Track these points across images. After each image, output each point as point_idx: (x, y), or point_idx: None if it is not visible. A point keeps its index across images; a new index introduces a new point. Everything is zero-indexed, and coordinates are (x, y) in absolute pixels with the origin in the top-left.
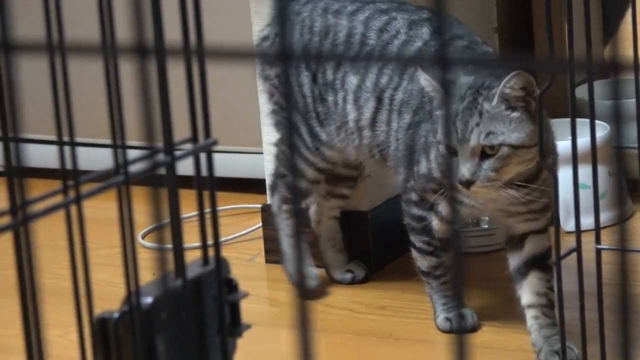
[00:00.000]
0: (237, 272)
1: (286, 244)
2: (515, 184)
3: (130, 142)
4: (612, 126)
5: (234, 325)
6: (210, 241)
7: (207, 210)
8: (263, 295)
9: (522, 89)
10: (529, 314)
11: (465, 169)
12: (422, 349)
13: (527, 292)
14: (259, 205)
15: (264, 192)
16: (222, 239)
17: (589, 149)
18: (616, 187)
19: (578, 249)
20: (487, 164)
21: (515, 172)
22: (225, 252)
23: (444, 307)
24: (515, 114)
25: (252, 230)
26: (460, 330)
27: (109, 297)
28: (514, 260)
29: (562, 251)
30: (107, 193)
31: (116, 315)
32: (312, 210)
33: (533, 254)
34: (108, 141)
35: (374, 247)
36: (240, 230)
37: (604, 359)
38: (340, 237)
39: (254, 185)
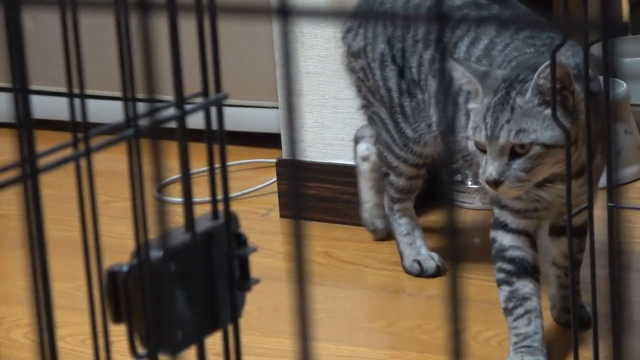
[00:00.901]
0: (251, 226)
1: (403, 243)
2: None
3: (141, 95)
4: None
5: (243, 280)
6: (220, 195)
7: (219, 165)
8: (277, 249)
9: (558, 79)
10: (553, 271)
11: (493, 169)
12: (434, 304)
13: (556, 252)
14: (274, 160)
15: (279, 146)
16: (237, 193)
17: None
18: (632, 145)
19: (590, 206)
20: (517, 163)
21: (549, 172)
22: (240, 207)
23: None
24: (548, 111)
25: (267, 185)
26: None
27: (126, 249)
28: (553, 220)
29: (575, 209)
30: (121, 145)
31: (125, 268)
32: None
33: (561, 224)
34: (119, 94)
35: None
36: (255, 184)
37: (615, 315)
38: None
39: (269, 140)
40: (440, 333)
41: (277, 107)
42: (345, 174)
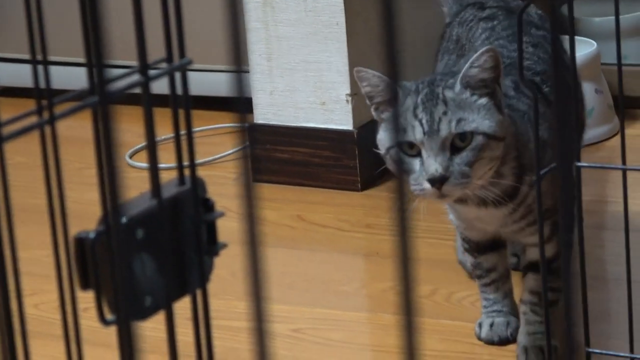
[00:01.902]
0: (223, 191)
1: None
2: (496, 199)
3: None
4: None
5: (210, 244)
6: (186, 161)
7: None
8: None
9: (491, 68)
10: (521, 309)
11: (437, 164)
12: None
13: (524, 289)
14: (246, 125)
15: (251, 110)
16: (209, 158)
17: (578, 66)
18: (604, 104)
19: (558, 166)
20: (460, 157)
21: (487, 170)
22: (212, 171)
23: (482, 311)
24: (482, 100)
25: (240, 150)
26: (487, 340)
27: (97, 217)
28: (521, 258)
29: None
30: (92, 112)
31: (92, 234)
32: None
33: (533, 259)
34: (82, 60)
35: (360, 165)
36: (227, 149)
37: (583, 274)
38: None
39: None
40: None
41: (248, 72)
42: (317, 137)
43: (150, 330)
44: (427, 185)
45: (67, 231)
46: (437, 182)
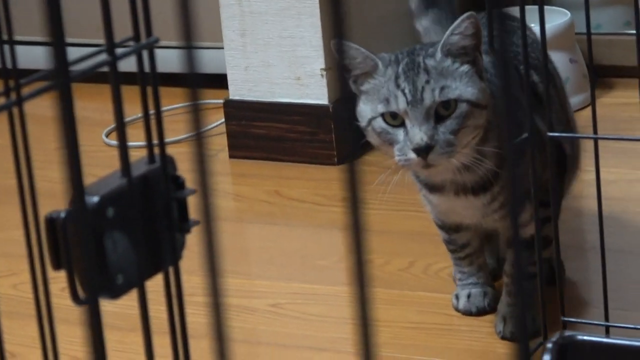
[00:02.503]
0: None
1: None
2: (476, 184)
3: (72, 40)
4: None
5: (182, 222)
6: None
7: (169, 107)
8: (227, 190)
9: (472, 35)
10: (504, 280)
11: (422, 133)
12: (385, 240)
13: (507, 260)
14: (221, 101)
15: (226, 87)
16: (185, 135)
17: (552, 36)
18: (579, 74)
19: (530, 136)
20: (445, 125)
21: (471, 138)
22: (189, 148)
23: (458, 283)
24: (464, 68)
25: (215, 126)
26: (465, 311)
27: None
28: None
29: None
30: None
31: (63, 214)
32: None
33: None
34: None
35: (336, 140)
36: (203, 126)
37: (557, 242)
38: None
39: (215, 81)
40: (390, 267)
41: (222, 48)
42: (293, 112)
43: (131, 309)
44: (412, 155)
45: (38, 211)
46: (423, 151)
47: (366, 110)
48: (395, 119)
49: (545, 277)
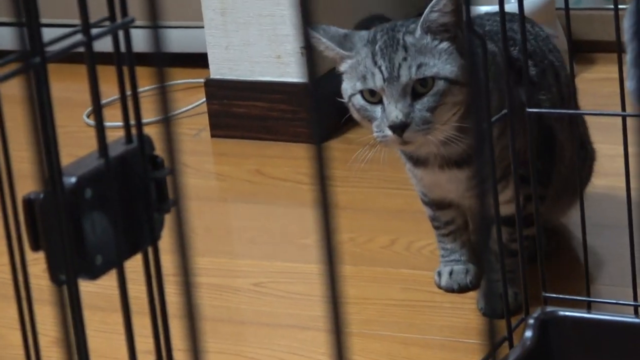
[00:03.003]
0: (183, 147)
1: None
2: (460, 157)
3: (46, 21)
4: None
5: (160, 202)
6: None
7: (148, 87)
8: (209, 169)
9: (451, 12)
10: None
11: (397, 111)
12: (366, 218)
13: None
14: (202, 80)
15: (206, 66)
16: (168, 114)
17: (532, 11)
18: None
19: (510, 112)
20: (421, 103)
21: (450, 115)
22: (171, 128)
23: (441, 260)
24: (443, 45)
25: (197, 106)
26: (447, 288)
27: None
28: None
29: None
30: (51, 72)
31: (41, 195)
32: None
33: (503, 214)
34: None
35: (318, 119)
36: (185, 105)
37: (538, 218)
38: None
39: (196, 60)
40: (373, 245)
41: (202, 27)
42: (274, 91)
43: (113, 289)
44: (388, 132)
45: (15, 192)
46: (398, 128)
47: (346, 88)
48: (373, 96)
49: (527, 253)
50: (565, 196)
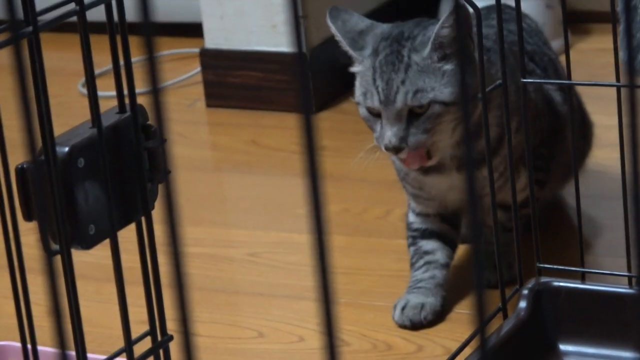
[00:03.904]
0: (177, 117)
1: None
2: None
3: None
4: None
5: (153, 172)
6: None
7: (143, 57)
8: (204, 139)
9: (462, 25)
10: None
11: (391, 134)
12: (361, 188)
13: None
14: (197, 50)
15: (201, 36)
16: (162, 84)
17: None
18: (554, 20)
19: (504, 83)
20: (417, 125)
21: (451, 133)
22: (166, 98)
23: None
24: (448, 66)
25: (192, 76)
26: (397, 323)
27: None
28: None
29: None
30: (47, 41)
31: (33, 165)
32: None
33: (503, 201)
34: None
35: (314, 88)
36: (180, 75)
37: (532, 192)
38: None
39: (191, 30)
40: (367, 215)
41: None
42: (269, 61)
43: (108, 259)
44: (384, 150)
45: (7, 162)
46: (392, 151)
47: (356, 91)
48: (374, 110)
49: (522, 224)
50: (568, 177)
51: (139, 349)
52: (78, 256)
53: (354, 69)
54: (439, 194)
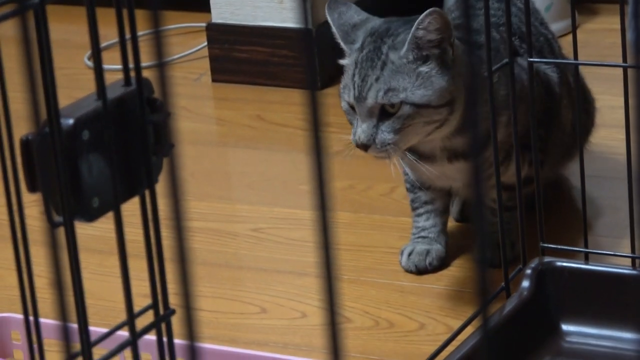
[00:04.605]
0: (183, 91)
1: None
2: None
3: None
4: None
5: (158, 145)
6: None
7: (150, 30)
8: (209, 114)
9: (437, 30)
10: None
11: (361, 131)
12: (366, 165)
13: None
14: (204, 24)
15: (208, 10)
16: (168, 58)
17: None
18: (561, 0)
19: (510, 61)
20: (387, 124)
21: (424, 134)
22: (172, 72)
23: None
24: (424, 68)
25: (198, 50)
26: (404, 268)
27: None
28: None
29: (495, 66)
30: (54, 13)
31: (38, 136)
32: None
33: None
34: None
35: (320, 65)
36: (186, 49)
37: (537, 169)
38: None
39: (198, 4)
40: (372, 192)
41: None
42: (276, 37)
43: (112, 232)
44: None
45: (12, 133)
46: (361, 147)
47: (340, 85)
48: (351, 104)
49: (525, 202)
50: (567, 156)
51: (141, 322)
52: (82, 229)
53: (343, 61)
54: (431, 178)
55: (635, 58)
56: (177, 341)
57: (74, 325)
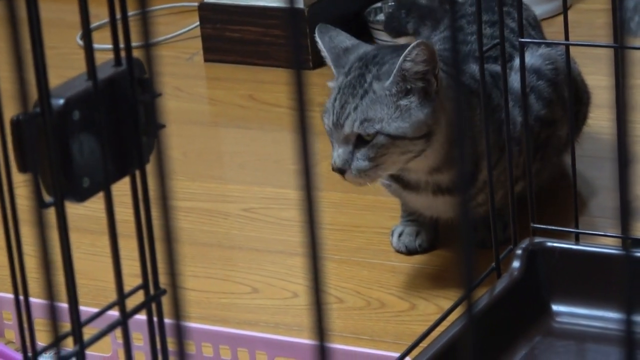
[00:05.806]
0: (176, 71)
1: None
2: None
3: None
4: None
5: (149, 125)
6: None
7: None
8: (202, 94)
9: (423, 62)
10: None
11: (336, 155)
12: None
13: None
14: (196, 4)
15: None
16: (160, 38)
17: None
18: None
19: (501, 42)
20: (362, 152)
21: (401, 163)
22: (164, 52)
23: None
24: (404, 102)
25: (190, 29)
26: (394, 248)
27: None
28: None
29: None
30: None
31: (28, 116)
32: None
33: None
34: None
35: (312, 44)
36: (178, 29)
37: (529, 149)
38: None
39: None
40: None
41: None
42: (268, 16)
43: (103, 212)
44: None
45: (2, 113)
46: (337, 172)
47: (325, 105)
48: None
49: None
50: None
51: (132, 302)
52: (74, 209)
53: (330, 84)
54: (416, 207)
55: (620, 38)
56: (168, 321)
57: (65, 305)
